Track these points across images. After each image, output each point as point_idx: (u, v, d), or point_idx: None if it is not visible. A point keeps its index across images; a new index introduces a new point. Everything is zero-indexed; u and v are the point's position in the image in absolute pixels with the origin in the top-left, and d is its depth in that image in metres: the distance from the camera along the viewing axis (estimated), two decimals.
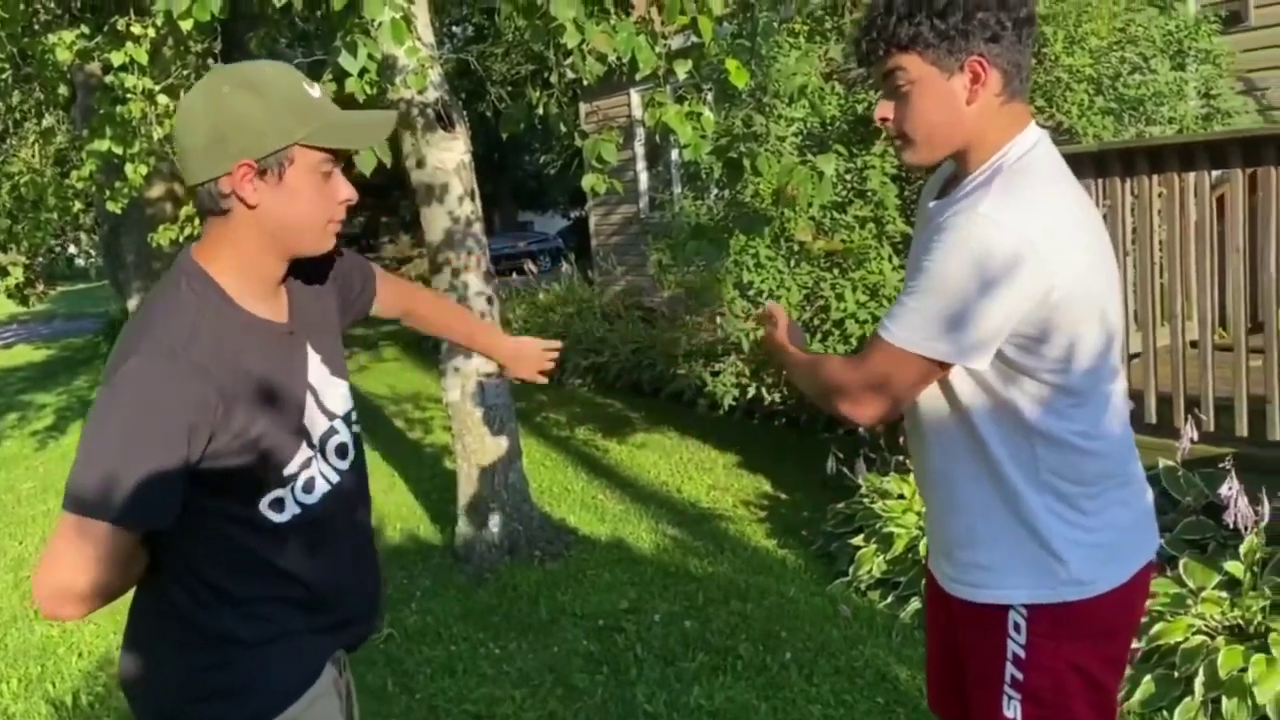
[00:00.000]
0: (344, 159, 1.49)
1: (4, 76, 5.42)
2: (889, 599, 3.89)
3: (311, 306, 1.61)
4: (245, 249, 1.45)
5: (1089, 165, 3.89)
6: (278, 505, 1.49)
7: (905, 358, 1.49)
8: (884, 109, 1.57)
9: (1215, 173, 3.69)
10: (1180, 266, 3.75)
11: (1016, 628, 1.58)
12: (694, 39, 3.67)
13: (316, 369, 1.57)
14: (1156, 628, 2.99)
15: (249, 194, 1.40)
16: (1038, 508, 1.55)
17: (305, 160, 1.42)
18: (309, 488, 1.53)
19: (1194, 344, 3.75)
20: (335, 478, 1.58)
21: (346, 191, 1.48)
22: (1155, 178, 3.77)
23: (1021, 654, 1.57)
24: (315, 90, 1.45)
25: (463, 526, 4.84)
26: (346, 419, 1.62)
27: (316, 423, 1.55)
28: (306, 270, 1.60)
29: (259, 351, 1.46)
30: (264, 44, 5.69)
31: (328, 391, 1.58)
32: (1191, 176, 3.67)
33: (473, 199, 4.68)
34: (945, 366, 1.51)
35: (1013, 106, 1.53)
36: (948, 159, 1.60)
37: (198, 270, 1.45)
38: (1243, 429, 3.51)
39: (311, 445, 1.53)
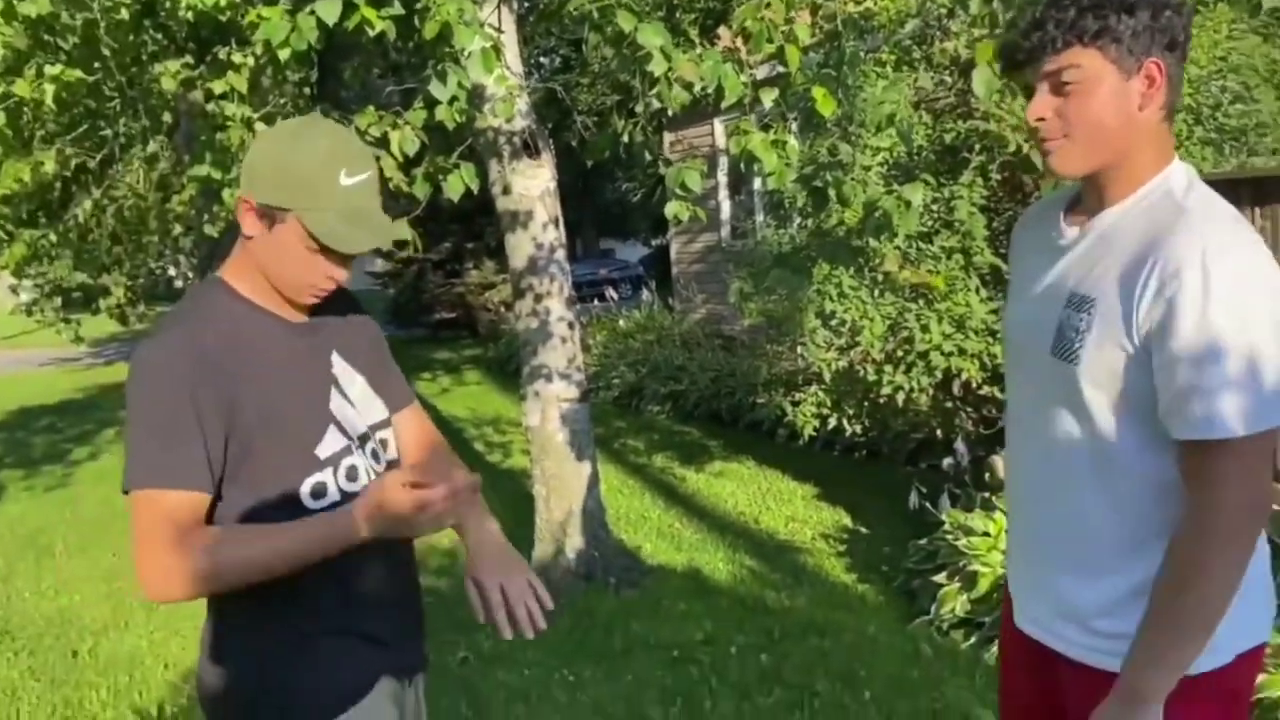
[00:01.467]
0: None
1: (112, 105, 5.65)
2: (972, 639, 3.78)
3: (342, 327, 1.65)
4: (250, 265, 1.54)
5: None
6: (319, 491, 1.51)
7: (1256, 443, 1.32)
8: (1042, 106, 1.44)
9: None
10: None
11: None
12: (780, 68, 3.65)
13: (344, 370, 1.61)
14: (1259, 680, 2.84)
15: (246, 225, 1.50)
16: None
17: (297, 229, 1.47)
18: (353, 475, 1.55)
19: None
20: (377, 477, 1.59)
21: (334, 272, 1.52)
22: (1259, 209, 3.63)
23: None
24: (350, 179, 1.46)
25: (539, 551, 4.85)
26: (383, 425, 1.66)
27: (348, 416, 1.58)
28: (346, 305, 1.67)
29: (267, 337, 1.53)
30: (358, 75, 5.84)
31: (362, 398, 1.62)
32: None
33: (556, 226, 4.72)
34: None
35: (1167, 128, 1.45)
36: (1088, 174, 1.48)
37: (215, 277, 1.56)
38: None
39: (346, 434, 1.56)
